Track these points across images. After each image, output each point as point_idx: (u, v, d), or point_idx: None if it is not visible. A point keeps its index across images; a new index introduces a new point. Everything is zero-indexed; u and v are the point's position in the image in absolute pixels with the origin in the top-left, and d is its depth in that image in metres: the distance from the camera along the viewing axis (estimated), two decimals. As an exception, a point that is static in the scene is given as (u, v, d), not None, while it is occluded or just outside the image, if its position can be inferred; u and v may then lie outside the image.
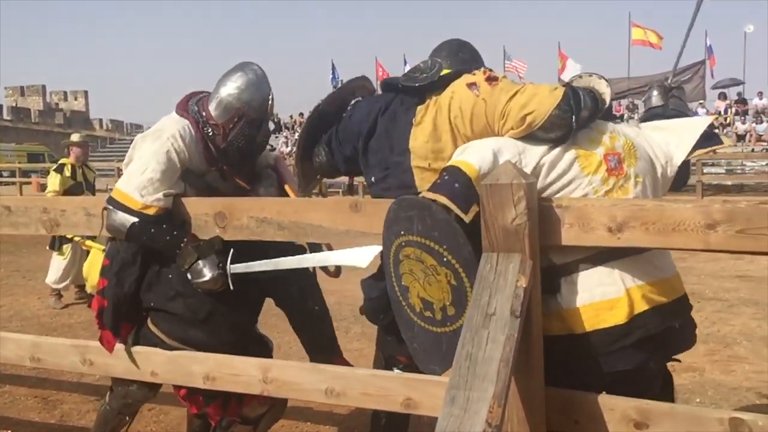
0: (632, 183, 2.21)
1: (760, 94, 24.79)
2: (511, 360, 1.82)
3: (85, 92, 49.72)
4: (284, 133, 30.20)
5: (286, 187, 2.86)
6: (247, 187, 2.79)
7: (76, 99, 49.64)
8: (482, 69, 2.35)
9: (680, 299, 2.23)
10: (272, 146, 29.71)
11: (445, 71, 2.38)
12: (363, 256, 2.38)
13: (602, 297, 2.09)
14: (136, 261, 2.69)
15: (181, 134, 2.63)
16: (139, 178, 2.57)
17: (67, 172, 7.23)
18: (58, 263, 7.08)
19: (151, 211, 2.54)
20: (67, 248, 6.96)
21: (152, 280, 2.70)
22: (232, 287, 2.58)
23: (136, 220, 2.54)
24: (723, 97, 25.19)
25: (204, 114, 2.67)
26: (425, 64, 2.44)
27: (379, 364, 2.71)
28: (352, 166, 2.59)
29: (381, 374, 2.38)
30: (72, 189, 7.10)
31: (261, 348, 2.91)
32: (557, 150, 2.17)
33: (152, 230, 2.55)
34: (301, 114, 31.07)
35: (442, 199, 2.07)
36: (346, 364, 2.82)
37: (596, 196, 2.16)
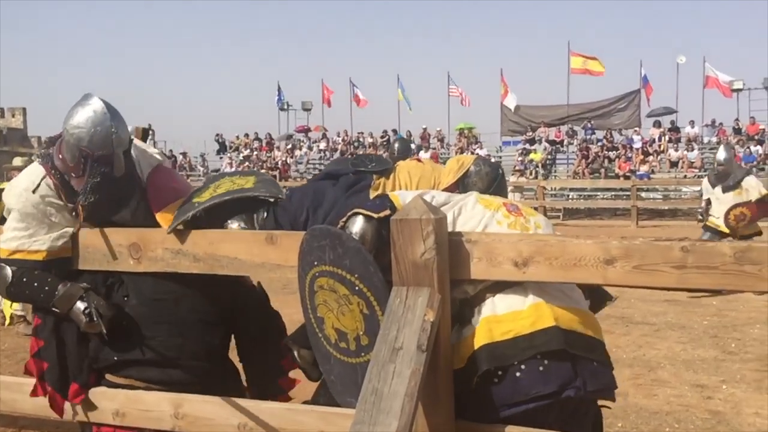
0: (533, 225, 2.30)
1: (692, 123, 25.76)
2: (416, 394, 1.84)
3: (23, 109, 48.28)
4: (228, 154, 29.90)
5: (158, 216, 2.65)
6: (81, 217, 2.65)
7: (13, 116, 48.14)
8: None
9: (594, 340, 2.19)
10: (216, 169, 29.39)
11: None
12: None
13: (506, 310, 2.13)
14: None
15: (33, 185, 2.58)
16: (4, 234, 2.59)
17: None
18: None
19: (16, 256, 2.54)
20: None
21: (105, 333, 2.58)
22: (105, 330, 2.50)
23: (10, 279, 2.53)
24: (657, 125, 26.05)
25: (60, 157, 2.58)
26: (372, 157, 2.99)
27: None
28: None
29: (295, 408, 2.37)
30: None
31: (236, 375, 2.82)
32: (461, 196, 2.39)
33: (27, 292, 2.55)
34: (247, 135, 30.83)
35: (357, 209, 2.26)
36: (291, 384, 2.82)
37: (500, 227, 2.24)
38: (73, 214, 2.57)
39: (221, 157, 30.19)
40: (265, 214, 2.57)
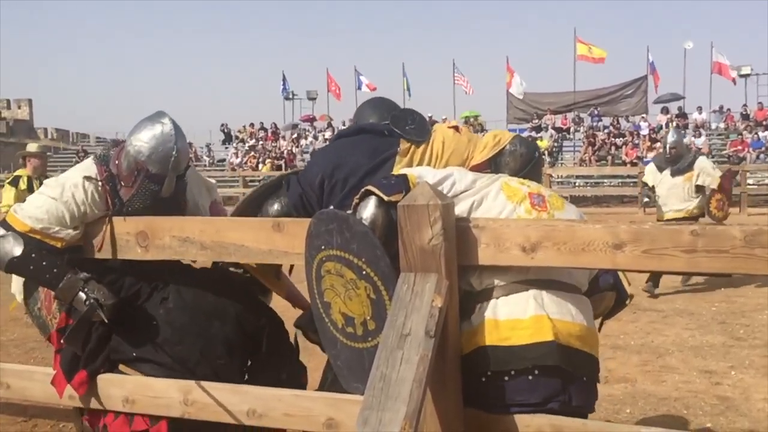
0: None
1: (699, 109, 25.63)
2: (424, 380, 1.84)
3: (29, 100, 48.40)
4: (234, 144, 29.89)
5: None
6: None
7: (19, 107, 48.25)
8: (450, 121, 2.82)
9: (588, 356, 2.17)
10: (222, 159, 29.38)
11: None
12: None
13: (507, 317, 2.10)
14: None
15: (84, 185, 2.60)
16: (33, 210, 2.57)
17: (23, 185, 6.89)
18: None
19: (36, 236, 2.53)
20: None
21: (130, 329, 2.58)
22: (106, 319, 2.50)
23: (18, 253, 2.52)
24: (665, 111, 25.92)
25: (117, 162, 2.63)
26: (415, 116, 2.72)
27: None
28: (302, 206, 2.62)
29: (303, 394, 2.37)
30: None
31: None
32: (487, 180, 2.30)
33: (31, 267, 2.54)
34: (252, 124, 30.81)
35: (370, 187, 2.17)
36: None
37: None
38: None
39: (227, 147, 30.20)
40: (289, 181, 2.61)
